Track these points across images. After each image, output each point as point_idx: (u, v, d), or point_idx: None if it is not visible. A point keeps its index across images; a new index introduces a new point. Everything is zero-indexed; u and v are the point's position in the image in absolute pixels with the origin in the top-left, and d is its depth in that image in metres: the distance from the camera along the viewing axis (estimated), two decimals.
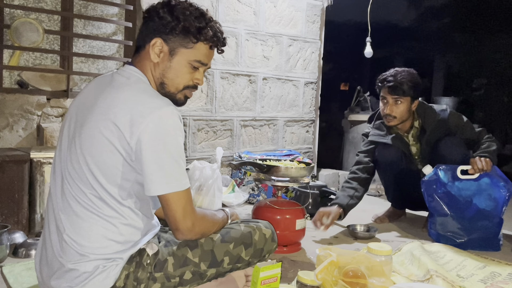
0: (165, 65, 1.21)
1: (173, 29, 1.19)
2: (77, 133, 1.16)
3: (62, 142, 1.21)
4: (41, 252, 1.21)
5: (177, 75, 1.23)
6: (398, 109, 2.32)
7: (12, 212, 1.99)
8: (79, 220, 1.12)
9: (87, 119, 1.15)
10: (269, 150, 3.48)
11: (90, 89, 1.25)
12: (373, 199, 3.41)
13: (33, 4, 2.60)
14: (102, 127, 1.11)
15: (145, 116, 1.09)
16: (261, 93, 3.44)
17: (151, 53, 1.20)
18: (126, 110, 1.10)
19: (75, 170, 1.14)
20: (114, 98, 1.14)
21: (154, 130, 1.09)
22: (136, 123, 1.08)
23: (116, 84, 1.18)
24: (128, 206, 1.16)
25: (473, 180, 2.10)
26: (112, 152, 1.11)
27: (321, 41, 3.78)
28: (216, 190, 2.38)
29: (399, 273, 1.72)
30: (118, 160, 1.11)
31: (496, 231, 2.09)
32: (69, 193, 1.14)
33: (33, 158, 2.04)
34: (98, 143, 1.12)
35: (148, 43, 1.21)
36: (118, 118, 1.10)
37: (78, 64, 2.75)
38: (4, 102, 2.38)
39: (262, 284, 1.32)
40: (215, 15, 3.11)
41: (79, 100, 1.25)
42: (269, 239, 1.43)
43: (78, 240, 1.11)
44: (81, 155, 1.13)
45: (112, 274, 1.12)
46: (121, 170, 1.12)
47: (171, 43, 1.20)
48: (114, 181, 1.13)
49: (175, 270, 1.23)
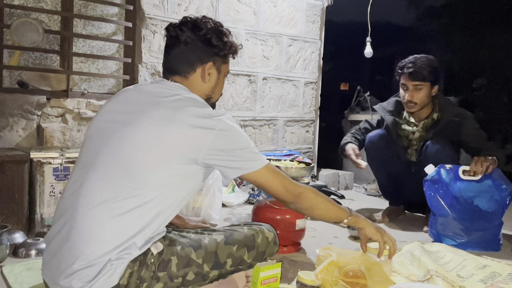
0: (214, 83, 1.39)
1: (221, 51, 1.36)
2: (120, 131, 1.20)
3: (95, 138, 1.25)
4: (49, 251, 1.21)
5: (221, 88, 1.44)
6: (419, 95, 2.35)
7: (12, 212, 1.99)
8: (111, 216, 1.13)
9: (141, 123, 1.20)
10: (269, 150, 3.48)
11: (132, 94, 1.32)
12: (373, 199, 3.41)
13: (33, 4, 2.60)
14: (166, 135, 1.18)
15: (214, 125, 1.20)
16: (261, 93, 3.44)
17: (205, 76, 1.35)
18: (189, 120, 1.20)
19: (112, 165, 1.17)
20: (178, 112, 1.20)
21: (225, 135, 1.22)
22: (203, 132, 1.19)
23: (175, 99, 1.25)
24: (163, 211, 1.19)
25: (475, 181, 2.10)
26: (169, 160, 1.18)
27: (321, 41, 3.78)
28: (216, 190, 2.38)
29: (399, 273, 1.72)
30: (177, 165, 1.19)
31: (496, 232, 2.09)
32: (101, 184, 1.16)
33: (33, 158, 2.04)
34: (155, 150, 1.17)
35: (199, 66, 1.34)
36: (186, 131, 1.18)
37: (78, 64, 2.75)
38: (4, 102, 2.38)
39: (262, 284, 1.32)
40: (215, 15, 3.11)
41: (119, 102, 1.31)
42: (272, 242, 1.44)
43: (92, 237, 1.12)
44: (126, 153, 1.17)
45: (117, 271, 1.12)
46: (178, 173, 1.20)
47: (217, 63, 1.38)
48: (162, 185, 1.18)
49: (178, 270, 1.23)
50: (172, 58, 1.35)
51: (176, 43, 1.33)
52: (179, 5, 2.95)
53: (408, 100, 2.37)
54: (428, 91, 2.36)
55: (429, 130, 2.41)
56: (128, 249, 1.14)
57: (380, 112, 2.56)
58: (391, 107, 2.54)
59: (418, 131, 2.46)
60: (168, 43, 1.36)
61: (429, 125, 2.43)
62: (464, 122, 2.33)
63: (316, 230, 2.38)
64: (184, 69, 1.33)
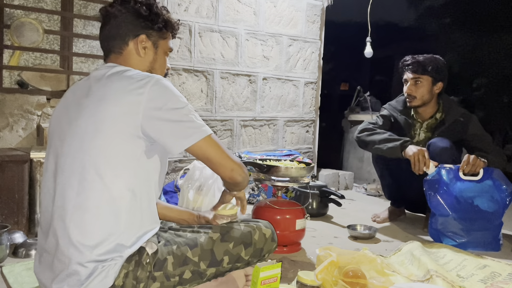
0: (152, 57, 1.32)
1: (154, 24, 1.29)
2: (68, 129, 1.18)
3: (53, 140, 1.22)
4: (40, 256, 1.21)
5: (161, 65, 1.36)
6: (418, 89, 2.34)
7: (12, 212, 1.99)
8: (84, 214, 1.12)
9: (83, 112, 1.16)
10: (269, 150, 3.48)
11: (72, 90, 1.28)
12: (373, 199, 3.41)
13: (33, 4, 2.60)
14: (103, 116, 1.13)
15: (144, 86, 1.14)
16: (261, 93, 3.44)
17: (138, 49, 1.28)
18: (124, 92, 1.14)
19: (73, 165, 1.14)
20: (109, 86, 1.16)
21: (156, 95, 1.14)
22: (138, 99, 1.13)
23: (105, 76, 1.20)
24: (130, 193, 1.15)
25: (476, 181, 2.10)
26: (119, 137, 1.13)
27: (321, 41, 3.78)
28: (216, 190, 2.37)
29: (399, 273, 1.72)
30: (126, 145, 1.13)
31: (496, 232, 2.09)
32: (69, 188, 1.13)
33: (33, 158, 2.04)
34: (101, 133, 1.13)
35: (132, 40, 1.28)
36: (119, 102, 1.13)
37: (78, 64, 2.75)
38: (4, 102, 2.38)
39: (262, 284, 1.32)
40: (215, 15, 3.12)
41: (63, 102, 1.28)
42: (269, 238, 1.43)
43: (80, 238, 1.11)
44: (78, 149, 1.14)
45: (111, 272, 1.12)
46: (130, 154, 1.14)
47: (152, 38, 1.31)
48: (121, 170, 1.13)
49: (174, 269, 1.23)
50: (105, 36, 1.29)
51: (106, 20, 1.29)
52: (179, 5, 2.95)
53: (408, 94, 2.37)
54: (429, 86, 2.34)
55: (434, 130, 2.40)
56: (116, 248, 1.13)
57: (391, 112, 2.50)
58: (401, 106, 2.49)
59: (423, 131, 2.45)
60: (101, 23, 1.31)
61: (433, 125, 2.43)
62: (469, 122, 2.33)
63: (316, 230, 2.38)
64: (117, 45, 1.28)
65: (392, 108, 2.52)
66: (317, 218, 2.63)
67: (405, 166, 2.34)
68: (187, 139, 1.17)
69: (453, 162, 2.19)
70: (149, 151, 1.18)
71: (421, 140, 2.45)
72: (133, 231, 1.16)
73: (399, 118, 2.46)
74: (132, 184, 1.15)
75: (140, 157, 1.16)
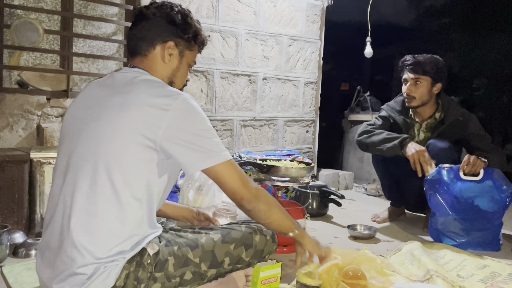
0: (175, 66, 1.31)
1: (185, 33, 1.30)
2: (84, 129, 1.18)
3: (67, 137, 1.22)
4: (42, 253, 1.21)
5: (182, 75, 1.35)
6: (418, 90, 2.34)
7: (12, 212, 1.99)
8: (90, 219, 1.12)
9: (102, 114, 1.16)
10: (269, 150, 3.48)
11: (92, 89, 1.27)
12: (373, 199, 3.41)
13: (33, 4, 2.60)
14: (123, 122, 1.13)
15: (171, 103, 1.14)
16: (261, 93, 3.44)
17: (164, 54, 1.28)
18: (146, 103, 1.14)
19: (85, 167, 1.14)
20: (136, 94, 1.16)
21: (182, 115, 1.14)
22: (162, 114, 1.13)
23: (132, 82, 1.20)
24: (137, 202, 1.15)
25: (476, 181, 2.10)
26: (136, 147, 1.13)
27: (321, 41, 3.78)
28: (216, 190, 2.37)
29: (399, 273, 1.72)
30: (141, 155, 1.14)
31: (496, 232, 2.09)
32: (78, 189, 1.13)
33: (33, 158, 2.04)
34: (119, 139, 1.13)
35: (160, 44, 1.27)
36: (143, 112, 1.13)
37: (78, 64, 2.75)
38: (4, 102, 2.38)
39: (262, 284, 1.32)
40: (215, 15, 3.11)
41: (81, 100, 1.27)
42: (270, 240, 1.43)
43: (84, 241, 1.11)
44: (93, 151, 1.14)
45: (112, 273, 1.12)
46: (144, 164, 1.15)
47: (180, 46, 1.31)
48: (133, 178, 1.14)
49: (175, 270, 1.23)
50: (134, 36, 1.29)
51: (139, 20, 1.29)
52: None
53: (407, 94, 2.37)
54: (429, 87, 2.34)
55: (433, 130, 2.40)
56: (119, 250, 1.13)
57: (390, 113, 2.49)
58: (399, 107, 2.49)
59: (422, 131, 2.45)
60: (133, 22, 1.31)
61: (432, 125, 2.42)
62: (469, 121, 2.33)
63: (316, 230, 2.38)
64: (144, 46, 1.27)
65: (390, 108, 2.52)
66: (317, 218, 2.63)
67: (405, 166, 2.34)
68: (204, 161, 1.18)
69: (453, 162, 2.19)
70: (163, 164, 1.18)
71: (421, 140, 2.44)
72: (135, 238, 1.17)
73: (398, 118, 2.46)
74: (140, 193, 1.16)
75: (152, 169, 1.17)
